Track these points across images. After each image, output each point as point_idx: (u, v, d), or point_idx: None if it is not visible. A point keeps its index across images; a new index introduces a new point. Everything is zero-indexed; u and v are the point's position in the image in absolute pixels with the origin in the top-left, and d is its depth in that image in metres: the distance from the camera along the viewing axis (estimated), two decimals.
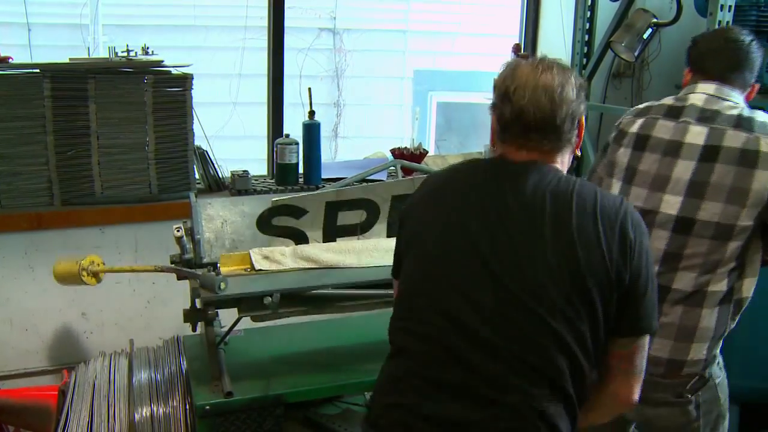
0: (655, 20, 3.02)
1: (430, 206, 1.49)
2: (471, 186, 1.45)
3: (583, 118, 1.48)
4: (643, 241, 1.38)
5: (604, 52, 3.28)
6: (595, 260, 1.32)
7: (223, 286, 1.91)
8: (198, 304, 2.11)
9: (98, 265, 2.04)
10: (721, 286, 1.78)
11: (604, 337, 1.37)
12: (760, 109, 2.67)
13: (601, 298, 1.33)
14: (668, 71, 3.55)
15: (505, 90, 1.42)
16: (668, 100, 1.92)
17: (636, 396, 1.43)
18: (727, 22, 2.57)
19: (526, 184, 1.38)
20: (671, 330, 1.79)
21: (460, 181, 1.49)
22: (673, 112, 1.87)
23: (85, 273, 2.01)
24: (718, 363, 1.89)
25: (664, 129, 1.86)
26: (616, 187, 1.92)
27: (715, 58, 1.90)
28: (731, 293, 1.81)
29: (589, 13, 3.31)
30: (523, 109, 1.39)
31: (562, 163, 1.47)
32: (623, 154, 1.92)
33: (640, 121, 1.93)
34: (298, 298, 2.07)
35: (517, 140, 1.43)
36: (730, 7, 2.55)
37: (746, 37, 1.92)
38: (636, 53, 3.09)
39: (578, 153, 1.52)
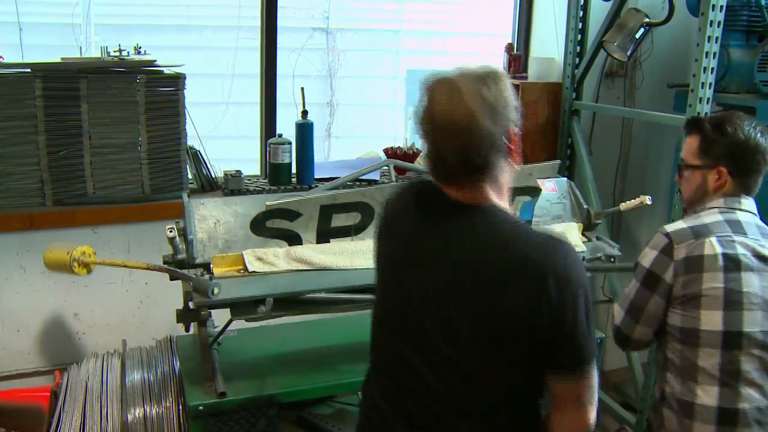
0: (647, 20, 3.04)
1: (382, 241, 1.58)
2: (411, 225, 1.49)
3: (514, 129, 1.38)
4: (570, 285, 1.31)
5: (596, 52, 3.29)
6: (515, 307, 1.31)
7: (216, 291, 1.91)
8: (191, 304, 2.10)
9: (90, 256, 2.03)
10: None
11: (540, 375, 1.40)
12: (751, 108, 2.70)
13: (525, 343, 1.34)
14: (661, 71, 3.57)
15: (423, 130, 1.39)
16: (718, 216, 1.81)
17: (591, 422, 1.40)
18: (719, 22, 2.58)
19: (459, 232, 1.39)
20: None
21: (403, 217, 1.52)
22: (739, 228, 1.79)
23: (76, 264, 2.00)
24: None
25: (746, 246, 1.76)
26: (715, 318, 1.71)
27: (758, 177, 1.86)
28: None
29: (581, 13, 3.31)
30: (440, 153, 1.36)
31: (500, 187, 1.42)
32: (712, 279, 1.72)
33: (712, 241, 1.75)
34: (291, 301, 2.07)
35: (446, 182, 1.41)
36: (721, 7, 2.56)
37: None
38: (628, 53, 3.10)
39: (517, 167, 1.44)
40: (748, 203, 1.86)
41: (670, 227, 1.82)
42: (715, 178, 1.85)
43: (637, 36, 3.06)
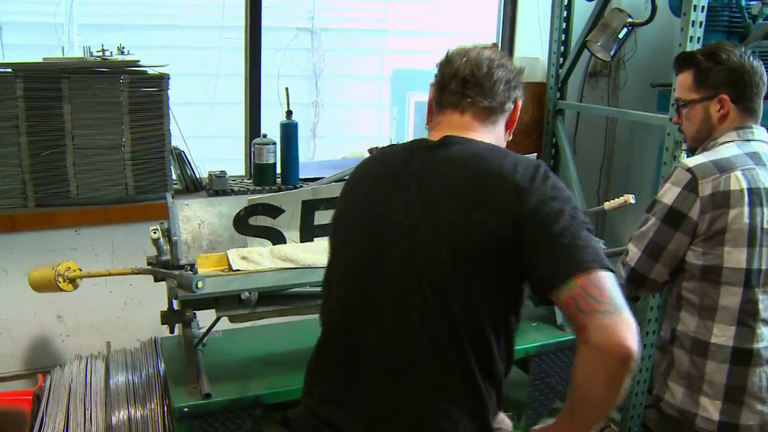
0: (630, 20, 3.05)
1: (352, 191, 1.54)
2: (386, 170, 1.47)
3: (520, 103, 1.51)
4: (544, 190, 1.29)
5: (580, 52, 3.31)
6: (477, 226, 1.29)
7: (200, 284, 1.90)
8: (176, 305, 2.09)
9: (75, 270, 2.02)
10: None
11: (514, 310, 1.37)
12: None
13: (507, 255, 1.28)
14: (644, 70, 3.59)
15: (448, 57, 1.49)
16: (737, 149, 1.76)
17: (627, 340, 1.16)
18: (701, 23, 2.60)
19: (435, 158, 1.39)
20: None
21: (379, 166, 1.52)
22: (759, 160, 1.75)
23: (61, 279, 1.99)
24: None
25: (765, 178, 1.72)
26: (739, 255, 1.67)
27: (759, 100, 1.82)
28: None
29: (565, 13, 3.33)
30: (461, 68, 1.45)
31: (495, 133, 1.48)
32: (739, 215, 1.67)
33: (737, 175, 1.70)
34: (276, 298, 2.07)
35: (454, 97, 1.46)
36: (703, 7, 2.58)
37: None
38: (612, 52, 3.12)
39: (510, 138, 1.54)
40: (760, 132, 1.81)
41: (691, 162, 1.74)
42: (718, 108, 1.80)
43: (621, 36, 3.07)
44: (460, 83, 1.45)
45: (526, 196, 1.28)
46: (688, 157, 1.92)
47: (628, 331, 1.17)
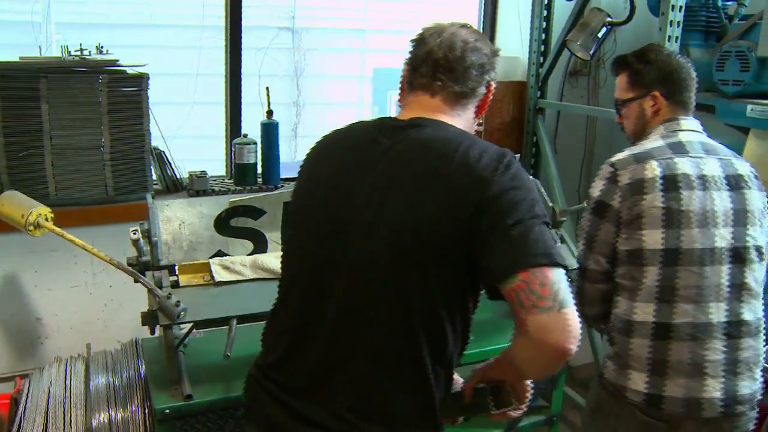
0: (609, 19, 3.08)
1: (317, 165, 1.51)
2: (353, 146, 1.45)
3: (493, 85, 1.51)
4: (506, 180, 1.29)
5: (560, 51, 3.33)
6: (438, 210, 1.29)
7: (182, 315, 1.90)
8: (158, 330, 2.08)
9: (46, 219, 2.01)
10: None
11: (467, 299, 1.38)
12: (710, 106, 2.75)
13: (464, 241, 1.28)
14: None
15: (422, 36, 1.49)
16: (660, 141, 1.88)
17: (564, 340, 1.19)
18: (678, 22, 2.63)
19: (403, 138, 1.38)
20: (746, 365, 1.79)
21: (345, 141, 1.49)
22: (680, 149, 1.85)
23: (32, 228, 2.02)
24: None
25: (686, 165, 1.81)
26: (656, 236, 1.75)
27: (689, 93, 1.95)
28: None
29: (545, 12, 3.35)
30: (434, 49, 1.45)
31: (465, 117, 1.48)
32: (653, 200, 1.77)
33: (652, 164, 1.80)
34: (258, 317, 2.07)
35: (425, 79, 1.45)
36: (680, 7, 2.62)
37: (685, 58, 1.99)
38: (591, 52, 3.14)
39: (480, 121, 1.55)
40: (688, 122, 1.93)
41: (615, 157, 1.89)
42: (651, 104, 1.95)
43: (600, 35, 3.10)
44: (432, 66, 1.44)
45: (487, 186, 1.28)
46: None
47: (565, 330, 1.18)
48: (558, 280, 1.21)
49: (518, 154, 2.51)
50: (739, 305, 1.79)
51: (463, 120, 1.48)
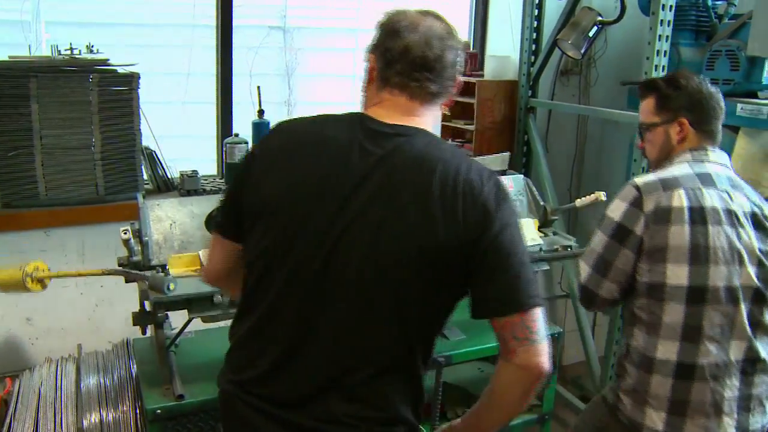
0: (600, 18, 3.09)
1: (286, 167, 1.39)
2: (337, 148, 1.37)
3: (458, 79, 1.48)
4: (505, 214, 1.35)
5: (551, 50, 3.33)
6: (442, 233, 1.31)
7: (172, 286, 1.88)
8: (147, 306, 2.08)
9: (43, 270, 1.99)
10: None
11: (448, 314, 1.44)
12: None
13: (458, 269, 1.34)
14: (614, 68, 3.63)
15: (394, 27, 1.41)
16: (688, 169, 1.80)
17: (545, 364, 1.35)
18: (669, 21, 2.64)
19: (398, 151, 1.35)
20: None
21: (322, 140, 1.39)
22: (708, 180, 1.78)
23: (29, 279, 1.95)
24: None
25: (714, 198, 1.74)
26: (681, 271, 1.69)
27: (717, 123, 1.89)
28: None
29: (536, 12, 3.36)
30: (411, 47, 1.39)
31: (434, 112, 1.47)
32: (679, 232, 1.70)
33: (680, 193, 1.73)
34: None
35: (401, 79, 1.40)
36: (671, 6, 2.63)
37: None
38: (582, 51, 3.15)
39: (446, 111, 1.54)
40: (716, 155, 1.86)
41: (639, 179, 1.79)
42: (677, 131, 1.87)
43: (591, 34, 3.11)
44: (410, 65, 1.40)
45: (492, 219, 1.33)
46: None
47: (545, 356, 1.36)
48: (542, 317, 1.37)
49: (508, 152, 2.51)
50: (757, 344, 1.74)
51: (431, 117, 1.46)
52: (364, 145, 1.36)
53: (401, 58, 1.40)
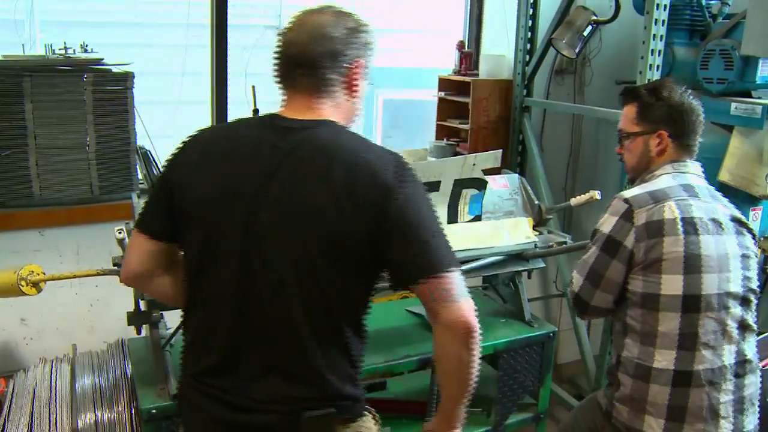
0: (594, 18, 3.09)
1: (207, 170, 1.49)
2: (252, 148, 1.47)
3: (360, 62, 1.51)
4: (408, 189, 1.42)
5: (546, 49, 3.34)
6: (348, 217, 1.40)
7: None
8: (142, 306, 2.07)
9: (38, 274, 1.98)
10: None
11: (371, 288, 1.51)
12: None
13: (353, 250, 1.42)
14: (609, 67, 3.64)
15: (282, 30, 1.52)
16: (672, 181, 1.84)
17: (470, 318, 1.41)
18: (663, 21, 2.65)
19: (304, 144, 1.44)
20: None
21: (237, 143, 1.50)
22: (693, 191, 1.83)
23: (24, 283, 1.95)
24: None
25: (700, 209, 1.79)
26: (676, 281, 1.73)
27: (696, 137, 1.91)
28: None
29: (531, 11, 3.36)
30: (286, 46, 1.49)
31: (337, 102, 1.51)
32: (674, 243, 1.74)
33: (671, 205, 1.77)
34: None
35: (285, 79, 1.51)
36: (665, 6, 2.64)
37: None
38: (577, 50, 3.16)
39: (355, 98, 1.55)
40: (695, 167, 1.90)
41: (628, 193, 1.83)
42: (657, 143, 1.89)
43: (585, 33, 3.11)
44: (287, 63, 1.49)
45: (393, 196, 1.40)
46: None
47: (467, 311, 1.42)
48: (458, 277, 1.44)
49: (500, 149, 2.51)
50: (744, 345, 1.79)
51: (332, 107, 1.51)
52: (273, 142, 1.45)
53: (280, 58, 1.50)
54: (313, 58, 1.46)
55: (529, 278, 2.82)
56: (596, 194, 2.44)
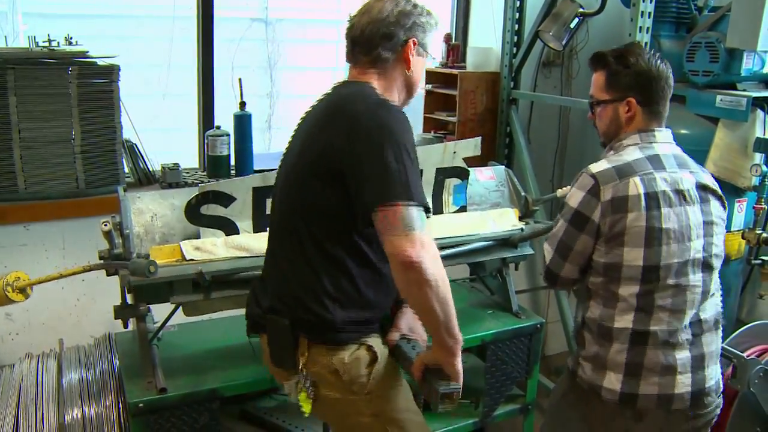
0: (581, 10, 3.10)
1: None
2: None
3: (411, 44, 1.74)
4: (383, 132, 1.56)
5: (533, 42, 3.34)
6: (320, 147, 1.63)
7: (152, 268, 1.88)
8: (129, 299, 2.07)
9: (24, 280, 1.97)
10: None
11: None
12: (680, 96, 2.78)
13: (328, 179, 1.61)
14: None
15: (350, 16, 1.79)
16: (638, 153, 1.87)
17: (409, 251, 1.49)
18: (649, 13, 2.65)
19: (324, 97, 1.76)
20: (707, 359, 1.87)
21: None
22: (658, 163, 1.85)
23: (10, 289, 1.94)
24: None
25: (664, 182, 1.82)
26: (636, 254, 1.78)
27: (665, 103, 1.93)
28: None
29: (518, 3, 3.36)
30: (350, 28, 1.76)
31: (387, 75, 1.76)
32: (636, 218, 1.78)
33: (635, 180, 1.80)
34: (230, 283, 2.07)
35: (349, 56, 1.78)
36: None
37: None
38: (563, 42, 3.16)
39: (411, 73, 1.78)
40: (663, 134, 1.93)
41: (594, 167, 1.86)
42: (626, 110, 1.91)
43: (572, 26, 3.11)
44: (349, 42, 1.77)
45: (359, 122, 1.58)
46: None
47: (410, 245, 1.49)
48: (409, 213, 1.52)
49: (479, 137, 2.53)
50: (703, 307, 1.86)
51: (385, 81, 1.76)
52: (322, 98, 1.78)
53: (346, 38, 1.78)
54: (369, 38, 1.71)
55: (516, 270, 2.83)
56: None
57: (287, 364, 1.71)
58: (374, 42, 1.71)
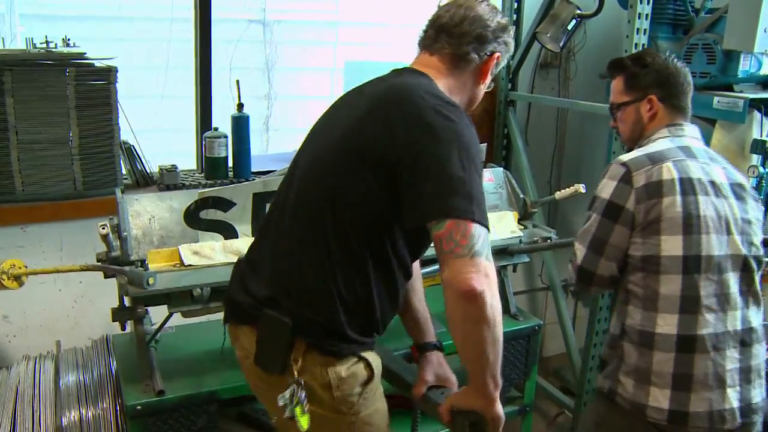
0: (579, 11, 3.09)
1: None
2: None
3: (496, 57, 1.66)
4: (443, 132, 1.42)
5: (531, 43, 3.35)
6: (370, 139, 1.47)
7: (151, 281, 1.88)
8: (127, 302, 2.06)
9: (20, 267, 1.97)
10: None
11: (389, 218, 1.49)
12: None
13: (375, 174, 1.45)
14: (594, 61, 3.65)
15: (441, 5, 1.70)
16: (669, 143, 1.83)
17: (474, 280, 1.33)
18: (647, 15, 2.66)
19: (375, 83, 1.62)
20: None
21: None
22: (690, 153, 1.81)
23: (5, 277, 1.94)
24: None
25: (697, 170, 1.77)
26: (675, 242, 1.70)
27: (686, 98, 1.92)
28: None
29: (515, 5, 3.36)
30: (441, 15, 1.66)
31: (459, 78, 1.65)
32: (672, 204, 1.72)
33: (669, 165, 1.76)
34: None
35: (426, 41, 1.67)
36: (648, 0, 2.64)
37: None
38: (561, 44, 3.16)
39: (484, 87, 1.71)
40: (691, 129, 1.90)
41: (625, 157, 1.81)
42: (648, 108, 1.91)
43: (570, 27, 3.11)
44: (435, 28, 1.65)
45: (425, 113, 1.44)
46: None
47: (474, 272, 1.32)
48: (477, 234, 1.35)
49: (485, 143, 2.52)
50: (748, 312, 1.76)
51: (456, 81, 1.64)
52: (370, 82, 1.66)
53: (431, 25, 1.68)
54: (464, 33, 1.62)
55: (514, 272, 2.83)
56: (581, 187, 2.46)
57: (273, 368, 1.52)
58: (467, 39, 1.62)
